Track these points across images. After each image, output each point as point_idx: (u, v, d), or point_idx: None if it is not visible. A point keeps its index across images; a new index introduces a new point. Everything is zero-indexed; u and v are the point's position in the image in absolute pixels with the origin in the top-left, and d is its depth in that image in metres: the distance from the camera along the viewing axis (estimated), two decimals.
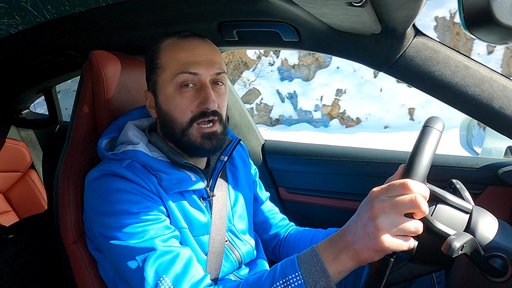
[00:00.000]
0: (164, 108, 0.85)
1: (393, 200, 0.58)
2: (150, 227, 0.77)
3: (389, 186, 0.60)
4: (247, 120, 1.56)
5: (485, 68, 0.88)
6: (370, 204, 0.60)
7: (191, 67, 0.81)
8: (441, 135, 0.62)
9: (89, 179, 0.83)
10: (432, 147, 0.61)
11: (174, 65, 0.82)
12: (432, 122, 0.63)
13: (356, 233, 0.61)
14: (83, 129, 0.97)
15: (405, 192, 0.58)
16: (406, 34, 0.88)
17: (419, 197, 0.57)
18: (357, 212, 0.64)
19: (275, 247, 1.13)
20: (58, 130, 2.33)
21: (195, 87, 0.83)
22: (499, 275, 0.63)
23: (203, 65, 0.82)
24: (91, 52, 0.96)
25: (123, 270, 0.77)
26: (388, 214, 0.58)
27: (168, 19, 1.15)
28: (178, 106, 0.83)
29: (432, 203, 0.66)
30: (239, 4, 1.01)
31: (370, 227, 0.59)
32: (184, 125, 0.83)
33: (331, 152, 1.45)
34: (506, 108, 0.86)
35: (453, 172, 1.23)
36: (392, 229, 0.58)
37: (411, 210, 0.58)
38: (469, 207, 0.66)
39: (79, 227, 0.89)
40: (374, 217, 0.59)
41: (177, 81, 0.82)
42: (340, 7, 0.68)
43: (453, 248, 0.57)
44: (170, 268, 0.74)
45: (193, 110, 0.83)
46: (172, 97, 0.83)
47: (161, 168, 0.84)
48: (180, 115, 0.83)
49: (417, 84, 0.94)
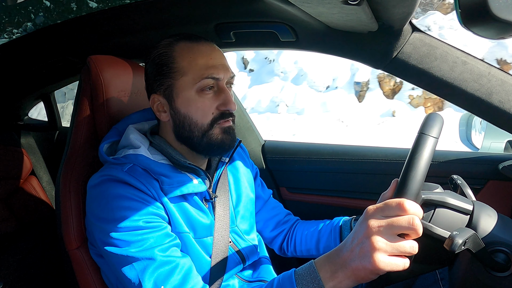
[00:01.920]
0: (183, 112, 0.85)
1: (390, 221, 0.58)
2: (150, 235, 0.77)
3: (385, 205, 0.60)
4: (246, 121, 1.56)
5: (483, 63, 0.89)
6: (366, 223, 0.60)
7: (213, 72, 0.84)
8: (437, 140, 0.61)
9: (91, 185, 0.83)
10: (426, 161, 0.60)
11: (196, 69, 0.84)
12: (428, 127, 0.61)
13: (353, 251, 0.61)
14: (83, 134, 0.97)
15: (401, 213, 0.58)
16: (403, 31, 0.88)
17: (416, 219, 0.57)
18: (354, 229, 0.64)
19: (282, 243, 1.13)
20: (57, 136, 2.33)
21: (213, 89, 0.86)
22: (502, 269, 0.63)
23: (221, 70, 0.85)
24: (89, 57, 0.96)
25: (122, 278, 0.77)
26: (384, 234, 0.58)
27: (165, 22, 1.15)
28: (200, 109, 0.84)
29: (430, 208, 0.66)
30: (235, 5, 1.01)
31: (366, 246, 0.59)
32: (205, 127, 0.85)
33: (331, 151, 1.45)
34: (505, 103, 0.86)
35: (454, 168, 1.23)
36: (388, 249, 0.58)
37: (407, 232, 0.58)
38: (469, 208, 0.66)
39: (81, 233, 0.89)
40: (370, 236, 0.59)
41: (200, 85, 0.84)
42: (337, 5, 0.68)
43: (455, 244, 0.57)
44: (168, 279, 0.75)
45: (213, 112, 0.85)
46: (193, 100, 0.84)
47: (163, 171, 0.84)
48: (202, 117, 0.85)
49: (415, 81, 0.94)
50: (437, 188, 0.70)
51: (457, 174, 0.80)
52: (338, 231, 1.02)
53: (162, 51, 0.87)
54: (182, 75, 0.84)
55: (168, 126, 0.90)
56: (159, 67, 0.87)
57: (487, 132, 1.60)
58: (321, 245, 1.04)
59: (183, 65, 0.84)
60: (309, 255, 1.08)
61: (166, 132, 0.91)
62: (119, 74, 1.00)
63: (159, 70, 0.87)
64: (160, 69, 0.86)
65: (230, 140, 0.87)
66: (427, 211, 0.66)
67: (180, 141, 0.89)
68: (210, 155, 0.92)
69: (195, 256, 0.85)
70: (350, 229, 1.00)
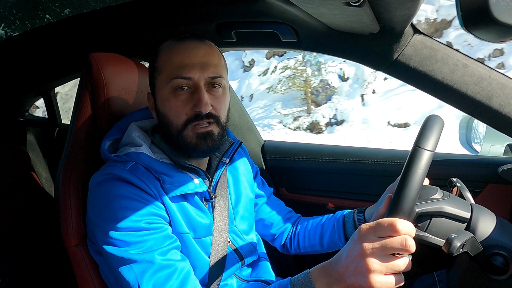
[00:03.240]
0: (161, 110, 0.86)
1: (383, 243, 0.58)
2: (151, 236, 0.77)
3: (377, 225, 0.60)
4: (246, 121, 1.56)
5: (484, 66, 0.89)
6: (359, 243, 0.60)
7: (184, 72, 0.82)
8: (433, 153, 0.60)
9: (93, 183, 0.83)
10: (419, 178, 0.59)
11: (169, 68, 0.83)
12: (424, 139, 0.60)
13: (348, 268, 0.61)
14: (83, 131, 0.97)
15: (393, 234, 0.58)
16: (404, 33, 0.88)
17: (408, 240, 0.57)
18: (348, 245, 0.63)
19: (285, 240, 1.13)
20: (57, 133, 2.33)
21: (189, 90, 0.83)
22: (500, 273, 0.63)
23: (197, 68, 0.82)
24: (91, 54, 0.96)
25: (120, 279, 0.77)
26: (377, 255, 0.59)
27: (166, 21, 1.15)
28: (173, 109, 0.83)
29: (426, 218, 0.66)
30: (237, 5, 1.01)
31: (360, 266, 0.59)
32: (179, 127, 0.84)
33: (331, 151, 1.45)
34: (505, 106, 0.86)
35: (453, 170, 1.23)
36: (382, 269, 0.58)
37: (400, 252, 0.59)
38: (467, 216, 0.66)
39: (80, 230, 0.89)
40: (364, 257, 0.59)
41: (171, 85, 0.83)
42: (338, 7, 0.68)
43: (453, 246, 0.57)
44: (167, 283, 0.75)
45: (187, 113, 0.83)
46: (167, 99, 0.84)
47: (164, 170, 0.84)
48: (175, 117, 0.84)
49: (416, 83, 0.94)
50: (436, 192, 0.69)
51: (457, 177, 0.80)
52: (342, 224, 1.02)
53: (154, 51, 0.89)
54: (159, 73, 0.86)
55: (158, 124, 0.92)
56: (150, 66, 0.90)
57: (487, 136, 1.60)
58: (324, 240, 1.05)
59: (160, 64, 0.85)
60: (313, 251, 1.08)
61: None
62: (120, 71, 1.00)
63: (149, 69, 0.90)
64: (150, 68, 0.90)
65: (207, 146, 0.84)
66: (423, 221, 0.66)
67: (164, 139, 0.90)
68: (190, 156, 0.88)
69: (194, 255, 0.85)
70: (353, 221, 1.00)
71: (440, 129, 0.61)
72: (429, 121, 0.62)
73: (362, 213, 1.00)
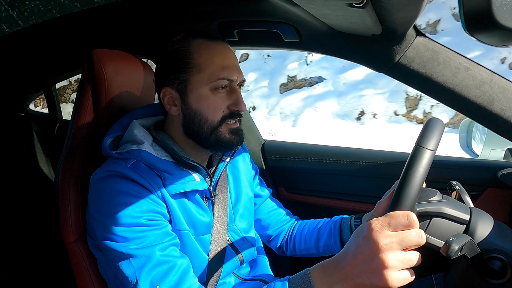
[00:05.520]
0: (195, 107, 0.86)
1: (401, 237, 0.57)
2: (150, 232, 0.77)
3: (391, 219, 0.58)
4: (247, 120, 1.56)
5: (485, 70, 0.89)
6: (373, 239, 0.58)
7: (229, 74, 0.85)
8: (434, 153, 0.60)
9: (94, 179, 0.83)
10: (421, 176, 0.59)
11: (213, 68, 0.85)
12: (425, 139, 0.61)
13: (357, 267, 0.59)
14: (84, 128, 0.97)
15: (409, 226, 0.58)
16: (406, 35, 0.88)
17: (423, 233, 0.58)
18: (354, 242, 0.62)
19: (281, 242, 1.14)
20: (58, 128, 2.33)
21: (226, 89, 0.87)
22: (498, 277, 0.63)
23: (236, 71, 0.87)
24: (93, 50, 0.96)
25: (119, 273, 0.77)
26: (394, 250, 0.57)
27: (168, 19, 1.15)
28: (211, 106, 0.85)
29: (426, 218, 0.66)
30: (240, 4, 1.01)
31: (375, 263, 0.57)
32: (215, 124, 0.86)
33: (331, 152, 1.45)
34: (506, 110, 0.86)
35: (453, 174, 1.23)
36: (399, 265, 0.57)
37: (416, 246, 0.58)
38: (466, 218, 0.66)
39: (79, 226, 0.89)
40: (379, 253, 0.57)
41: (215, 84, 0.85)
42: (341, 8, 0.68)
43: (452, 249, 0.57)
44: (165, 279, 0.75)
45: (224, 111, 0.86)
46: (206, 97, 0.85)
47: (166, 168, 0.84)
48: (212, 114, 0.86)
49: (417, 85, 0.94)
50: (435, 194, 0.70)
51: (456, 180, 0.80)
52: (338, 229, 1.02)
53: (178, 46, 0.87)
54: (198, 71, 0.85)
55: (176, 120, 0.90)
56: (174, 61, 0.87)
57: (487, 139, 1.60)
58: (320, 244, 1.05)
59: (200, 62, 0.85)
60: (308, 254, 1.09)
61: (173, 127, 0.91)
62: (122, 68, 1.00)
63: (174, 64, 0.87)
64: (176, 63, 0.87)
65: (238, 140, 0.89)
66: (422, 221, 0.66)
67: (187, 135, 0.90)
68: (216, 151, 0.94)
69: (193, 253, 0.85)
70: (350, 227, 1.00)
71: (441, 131, 0.62)
72: (430, 123, 0.62)
73: (359, 219, 1.00)
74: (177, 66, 0.87)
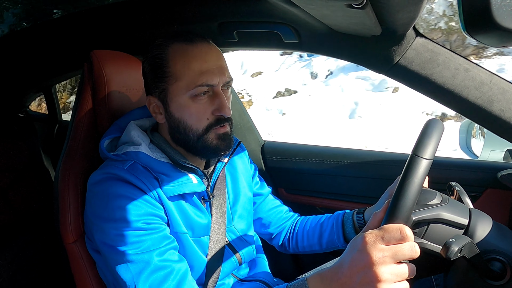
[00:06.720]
0: (177, 116, 0.84)
1: (394, 251, 0.58)
2: (148, 237, 0.77)
3: (385, 232, 0.59)
4: (246, 121, 1.55)
5: (485, 71, 0.88)
6: (367, 253, 0.58)
7: (208, 79, 0.80)
8: (431, 162, 0.60)
9: (92, 182, 0.83)
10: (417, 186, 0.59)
11: (189, 75, 0.80)
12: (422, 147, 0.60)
13: (352, 278, 0.60)
14: (83, 128, 0.97)
15: (402, 240, 0.58)
16: (406, 36, 0.88)
17: (416, 246, 0.58)
18: (349, 254, 0.62)
19: (283, 239, 1.13)
20: (57, 129, 2.33)
21: (208, 94, 0.83)
22: (498, 278, 0.63)
23: (216, 74, 0.81)
24: (92, 51, 0.96)
25: (117, 277, 0.77)
26: (387, 264, 0.58)
27: (168, 20, 1.15)
28: (193, 114, 0.82)
29: (423, 224, 0.66)
30: (239, 4, 1.01)
31: (369, 276, 0.58)
32: (201, 131, 0.83)
33: (330, 153, 1.45)
34: (506, 111, 0.86)
35: (453, 175, 1.23)
36: (393, 278, 0.58)
37: (410, 259, 0.58)
38: (465, 222, 0.66)
39: (78, 227, 0.89)
40: (373, 267, 0.58)
41: (192, 92, 0.81)
42: (340, 8, 0.68)
43: (451, 251, 0.57)
44: (163, 284, 0.75)
45: (208, 118, 0.83)
46: (186, 106, 0.82)
47: (163, 170, 0.84)
48: (196, 122, 0.83)
49: (417, 86, 0.94)
50: (434, 197, 0.69)
51: (456, 181, 0.80)
52: (341, 225, 1.02)
53: (156, 53, 0.83)
54: (175, 80, 0.81)
55: (164, 127, 0.89)
56: (154, 70, 0.84)
57: (487, 141, 1.60)
58: (323, 240, 1.05)
59: (176, 70, 0.81)
60: (311, 250, 1.08)
61: (164, 132, 0.90)
62: (122, 69, 1.00)
63: (154, 73, 0.84)
64: (155, 72, 0.84)
65: (225, 145, 0.86)
66: (420, 227, 0.66)
67: (176, 143, 0.88)
68: (207, 157, 0.92)
69: (191, 255, 0.85)
70: (352, 222, 1.00)
71: (439, 135, 0.61)
72: (428, 127, 0.61)
73: (361, 213, 1.00)
74: (156, 74, 0.84)
